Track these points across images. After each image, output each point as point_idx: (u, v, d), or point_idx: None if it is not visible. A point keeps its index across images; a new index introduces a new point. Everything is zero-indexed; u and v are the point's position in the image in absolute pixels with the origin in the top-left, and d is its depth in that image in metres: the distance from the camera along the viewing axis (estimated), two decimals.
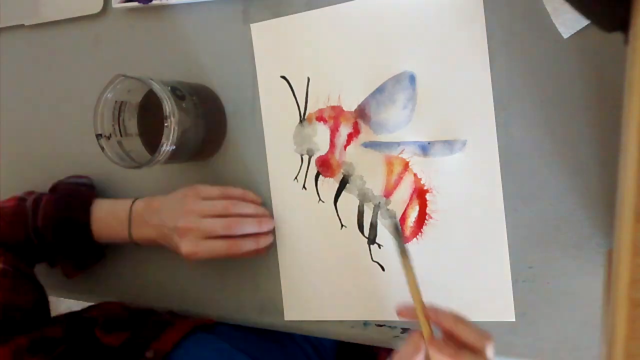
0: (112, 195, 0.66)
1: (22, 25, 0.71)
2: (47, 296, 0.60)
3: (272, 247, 0.61)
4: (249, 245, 0.58)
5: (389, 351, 0.64)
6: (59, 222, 0.59)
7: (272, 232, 0.60)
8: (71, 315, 0.59)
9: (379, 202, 0.57)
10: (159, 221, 0.58)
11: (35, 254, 0.60)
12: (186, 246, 0.56)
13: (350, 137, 0.57)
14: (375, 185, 0.57)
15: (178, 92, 0.54)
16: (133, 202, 0.61)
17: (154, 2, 0.62)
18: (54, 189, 0.63)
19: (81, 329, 0.56)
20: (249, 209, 0.59)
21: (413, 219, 0.55)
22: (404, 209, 0.56)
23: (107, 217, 0.60)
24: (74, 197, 0.61)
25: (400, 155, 0.55)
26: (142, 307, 0.64)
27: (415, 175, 0.55)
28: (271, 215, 0.60)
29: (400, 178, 0.56)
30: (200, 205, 0.57)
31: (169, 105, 0.52)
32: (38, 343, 0.51)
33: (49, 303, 0.60)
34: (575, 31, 0.48)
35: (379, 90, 0.56)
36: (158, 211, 0.58)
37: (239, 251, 0.57)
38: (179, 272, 0.65)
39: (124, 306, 0.63)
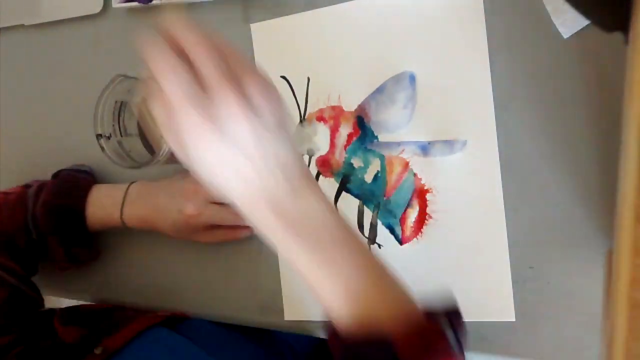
0: None
1: (22, 25, 0.71)
2: (34, 294, 0.60)
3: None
4: None
5: None
6: (54, 207, 0.59)
7: None
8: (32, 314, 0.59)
9: (379, 202, 0.57)
10: (154, 198, 0.58)
11: (32, 243, 0.60)
12: (191, 207, 0.56)
13: (350, 137, 0.57)
14: (375, 185, 0.57)
15: None
16: (131, 183, 0.61)
17: (154, 2, 0.62)
18: (56, 175, 0.64)
19: (40, 323, 0.56)
20: None
21: (413, 219, 0.55)
22: (404, 209, 0.56)
23: (102, 197, 0.61)
24: (73, 184, 0.62)
25: (400, 155, 0.55)
26: (112, 304, 0.64)
27: (415, 175, 0.55)
28: None
29: (400, 178, 0.56)
30: None
31: None
32: None
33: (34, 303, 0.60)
34: (575, 31, 0.48)
35: (379, 90, 0.56)
36: (157, 189, 0.59)
37: (243, 220, 0.56)
38: (178, 272, 0.66)
39: (91, 305, 0.63)
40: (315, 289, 0.37)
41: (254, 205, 0.35)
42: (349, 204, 0.58)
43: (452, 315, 0.38)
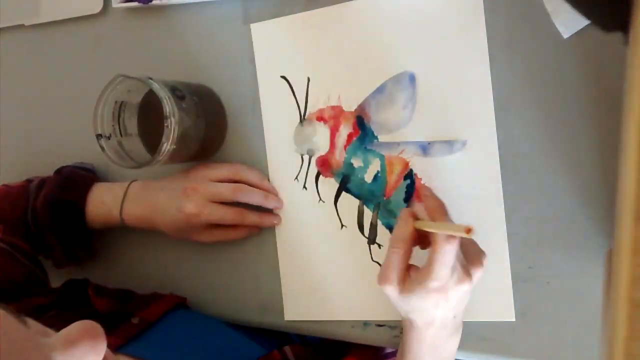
0: None
1: (22, 25, 0.71)
2: (44, 278, 0.60)
3: (263, 230, 0.61)
4: (252, 218, 0.59)
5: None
6: (55, 202, 0.59)
7: (278, 215, 0.60)
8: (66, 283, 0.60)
9: (379, 202, 0.57)
10: (154, 197, 0.59)
11: (31, 237, 0.61)
12: (191, 206, 0.56)
13: (350, 137, 0.57)
14: (375, 185, 0.57)
15: (178, 92, 0.54)
16: (132, 181, 0.62)
17: (154, 2, 0.62)
18: (59, 171, 0.64)
19: (72, 292, 0.57)
20: (256, 178, 0.59)
21: None
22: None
23: (103, 195, 0.61)
24: (74, 180, 0.62)
25: (400, 155, 0.55)
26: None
27: (415, 175, 0.55)
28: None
29: (400, 178, 0.56)
30: (207, 170, 0.59)
31: (168, 105, 0.52)
32: (25, 310, 0.51)
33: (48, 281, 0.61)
34: (575, 31, 0.48)
35: (379, 90, 0.56)
36: (158, 187, 0.59)
37: (242, 220, 0.58)
38: (178, 272, 0.66)
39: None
40: None
41: (422, 336, 0.48)
42: (349, 204, 0.58)
43: None
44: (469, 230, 0.40)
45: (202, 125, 0.57)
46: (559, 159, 0.50)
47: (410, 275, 0.46)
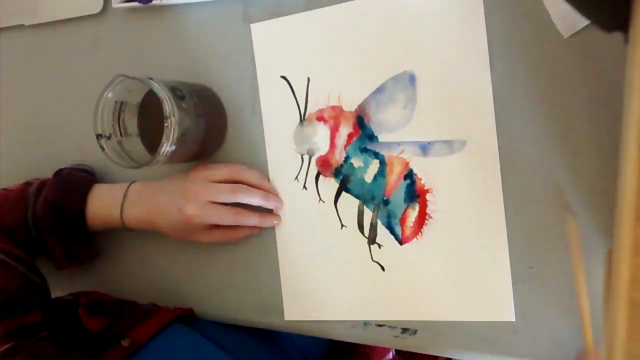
0: None
1: (22, 25, 0.71)
2: (42, 284, 0.60)
3: (263, 230, 0.61)
4: (252, 219, 0.59)
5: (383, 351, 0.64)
6: (54, 205, 0.59)
7: (278, 215, 0.60)
8: (53, 301, 0.59)
9: (379, 202, 0.57)
10: (154, 198, 0.59)
11: (32, 240, 0.61)
12: (191, 207, 0.56)
13: (350, 137, 0.57)
14: (375, 185, 0.57)
15: (178, 92, 0.54)
16: (131, 183, 0.62)
17: (154, 2, 0.62)
18: (58, 174, 0.64)
19: (64, 311, 0.57)
20: (256, 179, 0.60)
21: (413, 219, 0.55)
22: (404, 209, 0.56)
23: (103, 197, 0.61)
24: (74, 182, 0.62)
25: (400, 155, 0.55)
26: (127, 298, 0.64)
27: (415, 175, 0.55)
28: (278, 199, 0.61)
29: (400, 178, 0.56)
30: (207, 170, 0.59)
31: (168, 106, 0.52)
32: (15, 330, 0.51)
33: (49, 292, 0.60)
34: (575, 31, 0.48)
35: (379, 90, 0.56)
36: (158, 189, 0.59)
37: (242, 221, 0.58)
38: (178, 272, 0.66)
39: (108, 296, 0.64)
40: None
41: None
42: (349, 204, 0.58)
43: None
44: None
45: (202, 125, 0.57)
46: (559, 158, 0.50)
47: None
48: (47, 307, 0.56)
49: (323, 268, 0.59)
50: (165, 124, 0.52)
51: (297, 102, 0.59)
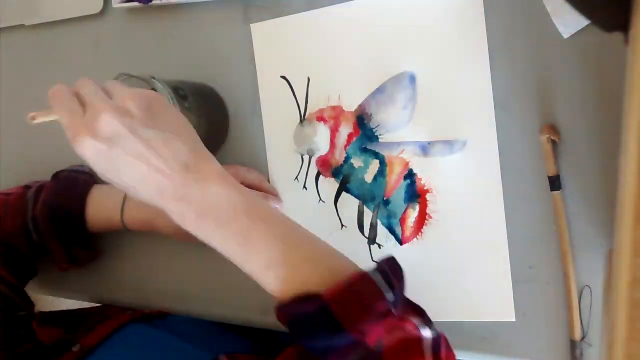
0: None
1: (22, 25, 0.71)
2: (26, 303, 0.60)
3: None
4: None
5: None
6: (54, 208, 0.59)
7: None
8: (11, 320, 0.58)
9: (379, 202, 0.57)
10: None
11: (33, 244, 0.60)
12: None
13: (350, 137, 0.57)
14: (375, 185, 0.57)
15: (180, 91, 0.54)
16: None
17: (154, 2, 0.62)
18: (56, 176, 0.64)
19: (20, 326, 0.56)
20: (256, 180, 0.59)
21: (413, 219, 0.55)
22: (404, 209, 0.56)
23: (102, 198, 0.61)
24: (72, 184, 0.61)
25: (400, 155, 0.56)
26: (100, 305, 0.64)
27: (415, 175, 0.55)
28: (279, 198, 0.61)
29: (400, 178, 0.56)
30: None
31: None
32: None
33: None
34: (575, 31, 0.48)
35: (379, 90, 0.56)
36: None
37: None
38: (178, 273, 0.66)
39: (69, 310, 0.63)
40: (244, 267, 0.41)
41: (163, 202, 0.39)
42: (349, 204, 0.58)
43: (382, 263, 0.42)
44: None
45: (205, 125, 0.57)
46: (558, 158, 0.50)
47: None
48: (3, 329, 0.55)
49: None
50: None
51: (297, 102, 0.59)
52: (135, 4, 0.63)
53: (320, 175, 0.59)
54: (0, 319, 0.55)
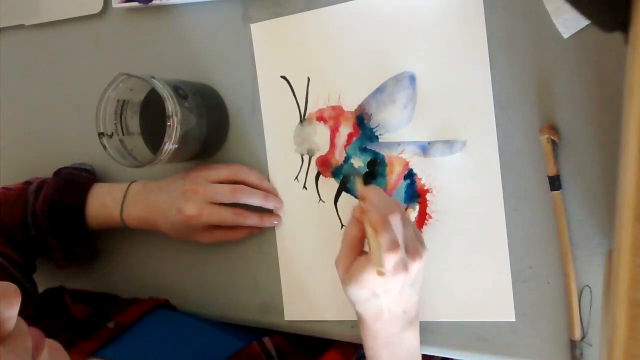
0: None
1: (22, 25, 0.71)
2: (32, 286, 0.61)
3: (264, 230, 0.61)
4: (252, 219, 0.59)
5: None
6: (54, 204, 0.59)
7: (278, 215, 0.60)
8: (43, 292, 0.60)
9: None
10: (154, 198, 0.59)
11: (31, 239, 0.61)
12: (191, 208, 0.56)
13: (350, 137, 0.57)
14: (376, 185, 0.57)
15: (181, 91, 0.54)
16: (131, 182, 0.62)
17: (154, 2, 0.62)
18: (58, 173, 0.64)
19: (51, 298, 0.58)
20: (256, 179, 0.60)
21: (413, 219, 0.55)
22: (404, 209, 0.56)
23: (103, 196, 0.61)
24: (73, 181, 0.62)
25: (400, 155, 0.56)
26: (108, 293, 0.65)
27: (415, 175, 0.55)
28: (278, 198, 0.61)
29: (400, 178, 0.56)
30: (206, 171, 0.59)
31: (171, 105, 0.52)
32: None
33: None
34: (575, 31, 0.48)
35: (379, 90, 0.56)
36: (157, 189, 0.59)
37: (242, 221, 0.58)
38: (178, 272, 0.66)
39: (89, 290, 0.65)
40: None
41: (373, 330, 0.48)
42: (349, 204, 0.58)
43: None
44: (380, 273, 0.42)
45: (205, 124, 0.57)
46: (558, 158, 0.50)
47: (353, 265, 0.47)
48: (33, 301, 0.57)
49: (323, 268, 0.59)
50: (168, 123, 0.51)
51: (297, 102, 0.59)
52: (135, 4, 0.63)
53: (320, 175, 0.59)
54: (35, 291, 0.58)
